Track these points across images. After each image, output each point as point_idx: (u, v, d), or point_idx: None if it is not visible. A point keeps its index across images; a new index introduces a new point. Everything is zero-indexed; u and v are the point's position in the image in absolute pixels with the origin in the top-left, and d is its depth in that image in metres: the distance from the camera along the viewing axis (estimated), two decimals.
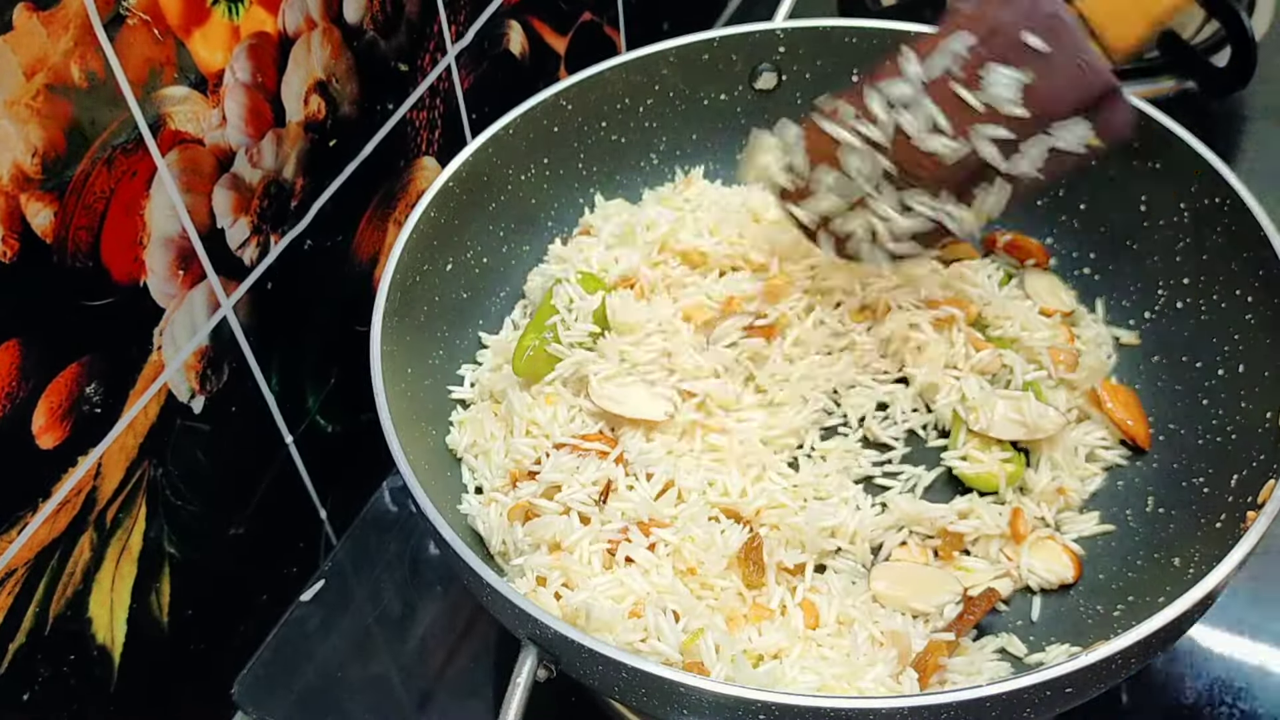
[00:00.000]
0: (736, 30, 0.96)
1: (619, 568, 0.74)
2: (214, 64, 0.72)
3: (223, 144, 0.74)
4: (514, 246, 0.95)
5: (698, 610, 0.72)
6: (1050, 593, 0.78)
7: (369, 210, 0.91)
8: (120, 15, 0.64)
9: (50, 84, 0.61)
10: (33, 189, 0.62)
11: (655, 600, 0.72)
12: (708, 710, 0.61)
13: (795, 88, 0.98)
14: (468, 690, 0.86)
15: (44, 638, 0.70)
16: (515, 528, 0.77)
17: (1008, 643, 0.75)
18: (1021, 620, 0.77)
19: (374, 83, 0.86)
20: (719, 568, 0.74)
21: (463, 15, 0.94)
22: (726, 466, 0.79)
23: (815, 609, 0.74)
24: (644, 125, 0.98)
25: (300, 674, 0.87)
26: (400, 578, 0.92)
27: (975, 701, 0.58)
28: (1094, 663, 0.59)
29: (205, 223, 0.75)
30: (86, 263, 0.67)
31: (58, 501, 0.68)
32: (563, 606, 0.72)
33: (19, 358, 0.63)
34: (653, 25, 1.28)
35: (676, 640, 0.69)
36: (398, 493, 0.98)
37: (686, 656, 0.70)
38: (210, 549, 0.83)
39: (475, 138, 0.89)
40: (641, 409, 0.80)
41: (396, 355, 0.79)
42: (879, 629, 0.73)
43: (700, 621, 0.71)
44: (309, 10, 0.78)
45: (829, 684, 0.70)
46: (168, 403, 0.75)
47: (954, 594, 0.75)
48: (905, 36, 0.93)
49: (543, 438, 0.81)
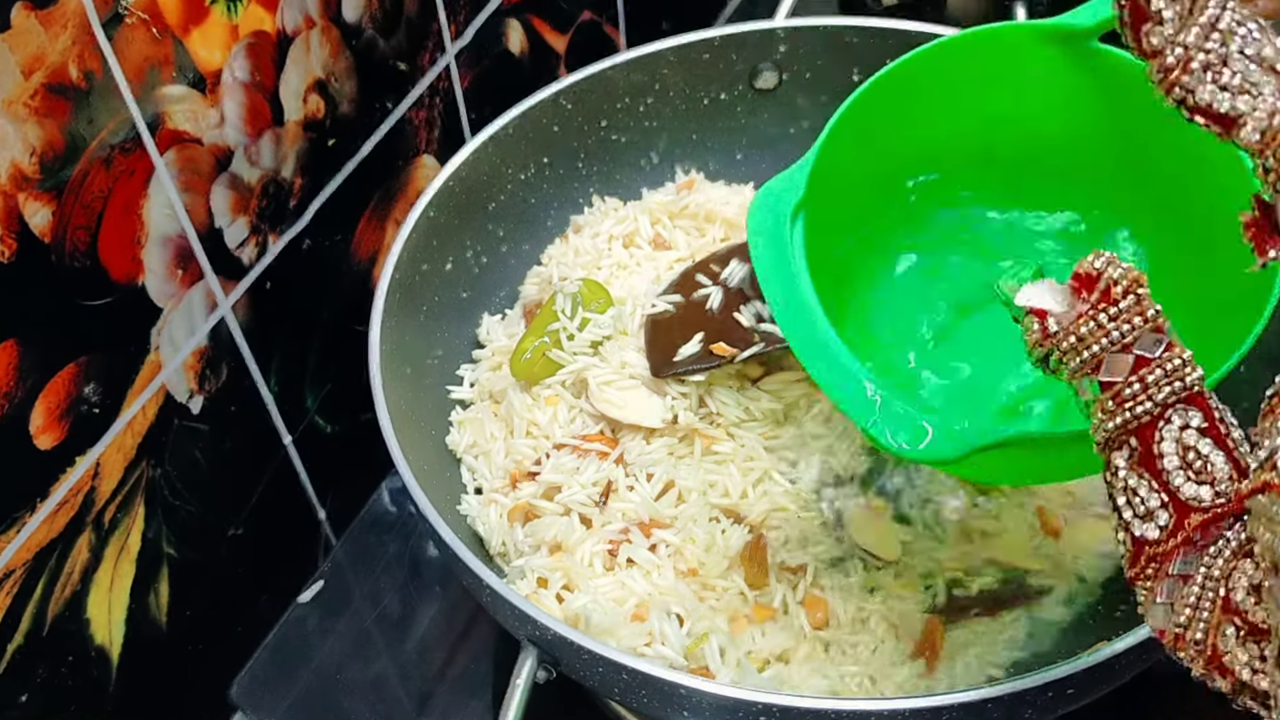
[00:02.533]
0: (737, 29, 0.96)
1: (620, 569, 0.73)
2: (212, 63, 0.72)
3: (221, 143, 0.74)
4: (514, 246, 0.95)
5: (701, 612, 0.72)
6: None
7: (368, 209, 0.91)
8: (118, 14, 0.64)
9: (48, 83, 0.61)
10: (30, 188, 0.61)
11: (658, 602, 0.71)
12: (708, 712, 0.61)
13: (796, 87, 0.98)
14: (467, 691, 0.86)
15: (42, 638, 0.70)
16: (515, 529, 0.77)
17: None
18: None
19: (373, 82, 0.86)
20: (720, 568, 0.74)
21: (462, 14, 0.94)
22: (726, 468, 0.79)
23: (824, 605, 0.74)
24: (644, 125, 0.98)
25: (299, 675, 0.86)
26: (399, 578, 0.92)
27: (976, 703, 0.58)
28: (1096, 664, 0.59)
29: (203, 222, 0.75)
30: (84, 262, 0.66)
31: (56, 502, 0.68)
32: (564, 609, 0.71)
33: (16, 358, 0.63)
34: (653, 24, 1.28)
35: (681, 645, 0.69)
36: (397, 493, 0.98)
37: (692, 662, 0.69)
38: (209, 549, 0.83)
39: (475, 137, 0.89)
40: (640, 415, 0.80)
41: (396, 355, 0.79)
42: (894, 614, 0.73)
43: (704, 624, 0.71)
44: (308, 9, 0.78)
45: (840, 687, 0.69)
46: (166, 403, 0.75)
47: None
48: (906, 36, 0.93)
49: (543, 438, 0.81)
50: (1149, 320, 0.44)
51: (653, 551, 0.74)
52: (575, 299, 0.85)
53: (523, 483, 0.79)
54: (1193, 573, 0.42)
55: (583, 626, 0.70)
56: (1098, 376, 0.45)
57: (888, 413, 0.52)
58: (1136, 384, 0.44)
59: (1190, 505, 0.43)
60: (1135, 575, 0.44)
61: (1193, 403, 0.44)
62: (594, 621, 0.70)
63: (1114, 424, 0.44)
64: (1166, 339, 0.44)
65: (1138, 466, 0.44)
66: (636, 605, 0.72)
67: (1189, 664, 0.43)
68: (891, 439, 0.52)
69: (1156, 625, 0.43)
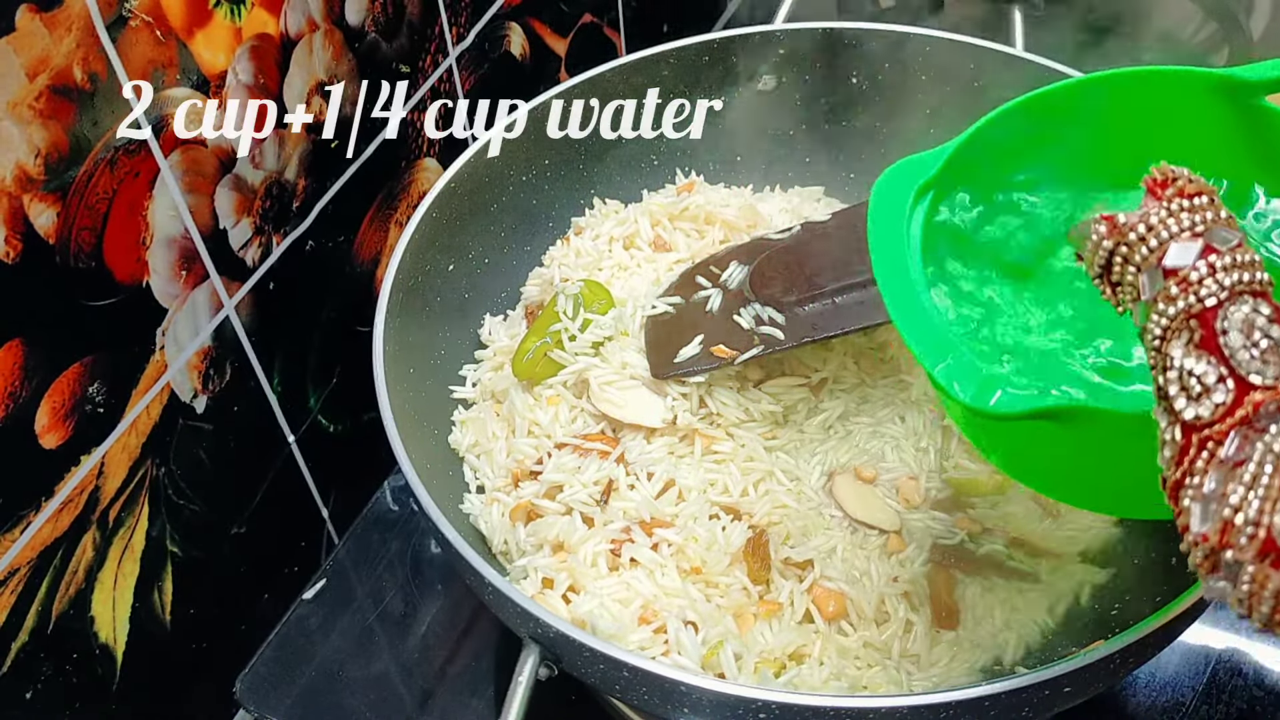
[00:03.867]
0: (736, 32, 0.96)
1: (624, 570, 0.74)
2: (216, 65, 0.72)
3: (225, 145, 0.74)
4: (515, 247, 0.95)
5: (711, 615, 0.72)
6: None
7: (371, 211, 0.91)
8: (123, 16, 0.64)
9: (53, 85, 0.61)
10: (35, 190, 0.62)
11: (664, 604, 0.72)
12: (708, 709, 0.62)
13: (795, 90, 0.99)
14: (469, 689, 0.86)
15: (47, 636, 0.70)
16: (518, 528, 0.77)
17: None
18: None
19: (376, 84, 0.86)
20: (722, 565, 0.74)
21: (464, 17, 0.95)
22: (726, 467, 0.79)
23: (837, 597, 0.74)
24: (644, 126, 0.98)
25: (302, 672, 0.87)
26: (402, 577, 0.93)
27: (973, 701, 0.59)
28: (1092, 662, 0.59)
29: (208, 223, 0.75)
30: (89, 263, 0.67)
31: (60, 501, 0.69)
32: (571, 611, 0.72)
33: (22, 358, 0.64)
34: (653, 27, 1.28)
35: (698, 654, 0.70)
36: (399, 492, 0.98)
37: (709, 669, 0.70)
38: (212, 548, 0.84)
39: (477, 139, 0.89)
40: (641, 415, 0.80)
41: (399, 355, 0.79)
42: (905, 581, 0.73)
43: (716, 629, 0.71)
44: (311, 12, 0.78)
45: (868, 682, 0.70)
46: (170, 402, 0.76)
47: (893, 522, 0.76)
48: (905, 39, 0.94)
49: (544, 438, 0.82)
50: (1222, 219, 0.42)
51: (655, 551, 0.75)
52: (577, 300, 0.85)
53: (524, 481, 0.79)
54: (1247, 456, 0.40)
55: (590, 630, 0.70)
56: (1164, 262, 0.42)
57: (959, 361, 0.53)
58: (1204, 268, 0.42)
59: (1251, 382, 0.40)
60: (1180, 476, 0.42)
61: (1261, 297, 0.42)
62: (600, 627, 0.70)
63: (1176, 309, 0.42)
64: (1238, 236, 0.42)
65: (1196, 349, 0.42)
66: (642, 607, 0.72)
67: (1234, 565, 0.40)
68: (957, 389, 0.52)
69: (1197, 529, 0.41)
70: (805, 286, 0.81)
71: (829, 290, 0.80)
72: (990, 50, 0.92)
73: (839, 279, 0.81)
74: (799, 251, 0.83)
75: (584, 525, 0.76)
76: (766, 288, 0.82)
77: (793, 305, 0.80)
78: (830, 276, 0.81)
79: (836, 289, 0.80)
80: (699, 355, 0.80)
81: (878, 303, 0.76)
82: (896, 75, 0.96)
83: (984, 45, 0.92)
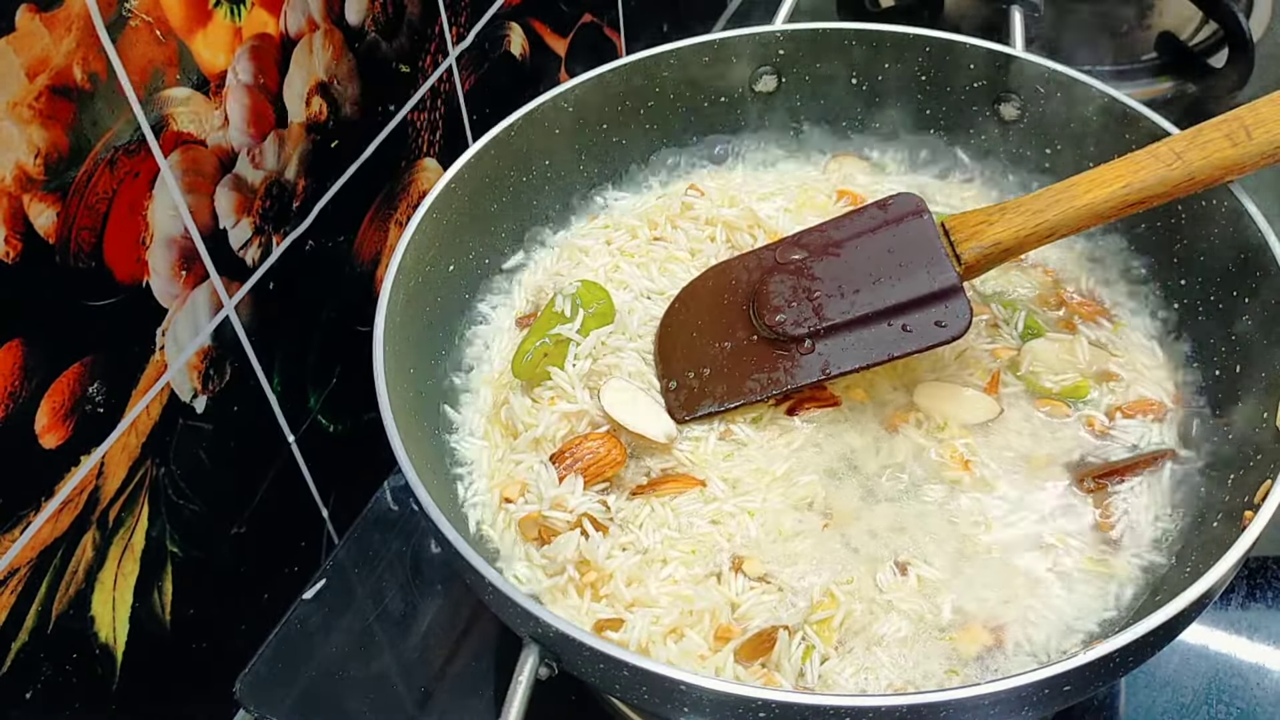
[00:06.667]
0: (736, 33, 0.96)
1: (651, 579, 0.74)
2: (216, 65, 0.72)
3: (225, 145, 0.75)
4: (516, 247, 0.95)
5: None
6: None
7: (371, 211, 0.91)
8: (123, 16, 0.64)
9: (53, 85, 0.61)
10: (35, 190, 0.62)
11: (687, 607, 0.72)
12: (708, 708, 0.62)
13: (795, 90, 0.99)
14: (469, 688, 0.86)
15: (46, 636, 0.70)
16: (530, 549, 0.77)
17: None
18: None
19: (375, 84, 0.86)
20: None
21: (464, 17, 0.95)
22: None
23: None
24: (644, 127, 0.98)
25: (302, 672, 0.87)
26: (402, 576, 0.93)
27: (973, 699, 0.59)
28: (1092, 661, 0.59)
29: (208, 223, 0.75)
30: (89, 263, 0.67)
31: (60, 501, 0.69)
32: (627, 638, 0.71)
33: (22, 357, 0.64)
34: (653, 28, 1.29)
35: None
36: (399, 491, 0.98)
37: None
38: (212, 548, 0.84)
39: (477, 139, 0.89)
40: (644, 425, 0.79)
41: (399, 355, 0.79)
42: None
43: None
44: (311, 12, 0.78)
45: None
46: (170, 402, 0.76)
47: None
48: (905, 39, 0.94)
49: (544, 438, 0.81)
50: None
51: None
52: (574, 300, 0.85)
53: (525, 482, 0.79)
54: None
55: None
56: None
57: None
58: None
59: None
60: None
61: None
62: (655, 652, 0.71)
63: None
64: None
65: None
66: (680, 615, 0.72)
67: None
68: None
69: None
70: (815, 319, 0.80)
71: (840, 324, 0.79)
72: (990, 50, 0.92)
73: (850, 309, 0.79)
74: (806, 273, 0.82)
75: (597, 533, 0.75)
76: (773, 315, 0.81)
77: (800, 344, 0.80)
78: (840, 308, 0.79)
79: (847, 322, 0.79)
80: (710, 399, 0.81)
81: (891, 339, 0.77)
82: (897, 76, 0.96)
83: (984, 45, 0.92)
